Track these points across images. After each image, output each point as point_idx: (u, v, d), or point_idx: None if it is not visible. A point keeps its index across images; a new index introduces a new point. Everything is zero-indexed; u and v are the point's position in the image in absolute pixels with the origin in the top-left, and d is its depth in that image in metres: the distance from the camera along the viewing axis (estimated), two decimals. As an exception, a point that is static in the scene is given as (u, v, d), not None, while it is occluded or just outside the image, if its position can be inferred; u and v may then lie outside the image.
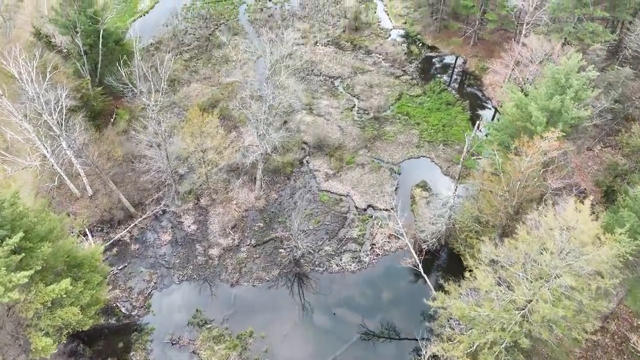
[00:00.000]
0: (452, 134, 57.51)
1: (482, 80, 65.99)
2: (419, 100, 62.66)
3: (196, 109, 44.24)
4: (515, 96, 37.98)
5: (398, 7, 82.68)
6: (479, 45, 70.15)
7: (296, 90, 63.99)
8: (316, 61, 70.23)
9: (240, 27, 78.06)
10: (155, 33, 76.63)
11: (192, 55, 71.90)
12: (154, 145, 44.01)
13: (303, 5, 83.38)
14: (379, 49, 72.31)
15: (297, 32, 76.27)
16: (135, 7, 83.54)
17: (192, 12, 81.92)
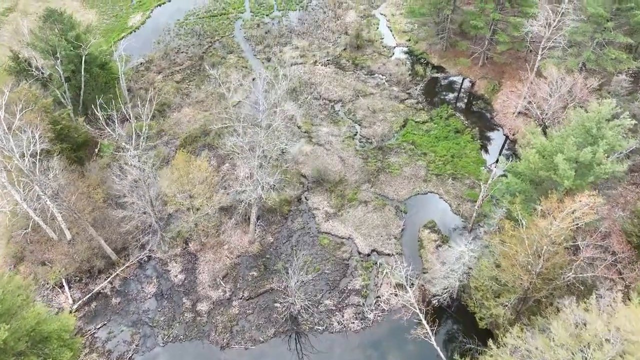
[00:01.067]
0: (461, 166, 53.49)
1: (492, 104, 61.92)
2: (425, 127, 58.64)
3: (182, 153, 40.15)
4: (538, 142, 33.96)
5: (401, 22, 78.59)
6: (488, 66, 66.11)
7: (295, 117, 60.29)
8: (316, 83, 66.16)
9: (236, 45, 73.98)
10: (146, 51, 72.58)
11: (184, 76, 67.85)
12: (136, 190, 39.96)
13: (302, 21, 79.34)
14: (382, 69, 68.26)
15: (296, 50, 72.37)
16: (126, 23, 79.48)
17: (185, 28, 77.90)
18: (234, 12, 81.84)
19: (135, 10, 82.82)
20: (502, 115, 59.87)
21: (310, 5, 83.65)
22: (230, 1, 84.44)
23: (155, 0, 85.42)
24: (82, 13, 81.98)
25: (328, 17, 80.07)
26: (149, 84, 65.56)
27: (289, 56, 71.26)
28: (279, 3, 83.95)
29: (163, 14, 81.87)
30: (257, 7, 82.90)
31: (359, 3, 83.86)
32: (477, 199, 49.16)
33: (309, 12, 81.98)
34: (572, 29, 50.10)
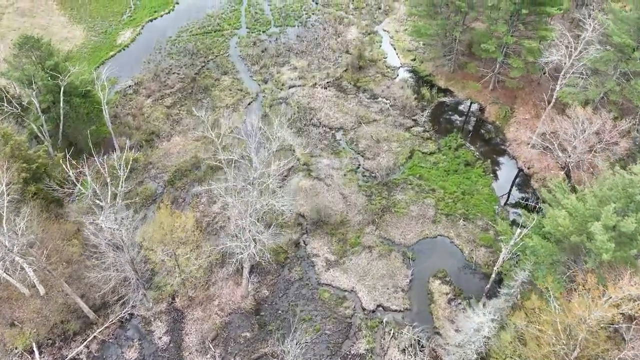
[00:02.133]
0: (473, 204, 49.32)
1: (504, 132, 57.73)
2: (433, 159, 54.45)
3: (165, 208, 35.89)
4: (568, 203, 29.76)
5: (406, 40, 74.43)
6: (499, 90, 61.93)
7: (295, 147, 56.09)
8: (315, 108, 61.96)
9: (231, 65, 69.75)
10: (135, 72, 68.36)
11: (175, 100, 63.61)
12: (114, 249, 35.72)
13: (301, 38, 75.15)
14: (386, 92, 64.06)
15: (294, 71, 68.19)
16: (115, 41, 75.24)
17: (177, 46, 73.68)
18: (229, 28, 77.69)
19: (125, 26, 78.62)
20: (515, 145, 55.65)
21: (309, 21, 79.52)
22: (226, 17, 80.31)
23: (147, 15, 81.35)
24: (69, 29, 77.86)
25: (328, 34, 75.90)
26: (137, 110, 61.38)
27: (287, 77, 67.10)
28: (276, 19, 79.82)
29: (154, 30, 77.70)
30: (254, 23, 78.76)
31: (361, 19, 79.76)
32: (491, 242, 45.16)
33: (308, 28, 77.84)
34: (594, 57, 45.93)
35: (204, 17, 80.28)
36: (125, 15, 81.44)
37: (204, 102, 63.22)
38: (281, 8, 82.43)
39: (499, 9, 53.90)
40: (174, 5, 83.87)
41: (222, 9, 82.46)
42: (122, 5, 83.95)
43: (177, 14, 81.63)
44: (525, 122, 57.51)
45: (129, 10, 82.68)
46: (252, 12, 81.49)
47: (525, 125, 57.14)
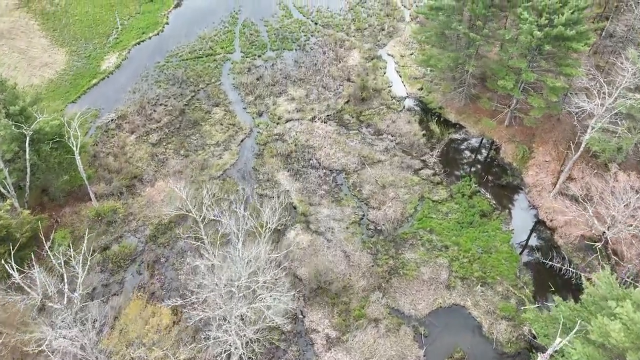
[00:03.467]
0: (491, 265, 44.01)
1: (522, 177, 52.38)
2: (445, 208, 49.12)
3: (136, 302, 30.54)
4: (624, 313, 24.39)
5: (412, 66, 69.10)
6: (516, 127, 56.60)
7: (292, 195, 50.71)
8: (314, 146, 56.61)
9: (223, 95, 64.38)
10: (119, 103, 63.04)
11: (162, 136, 58.23)
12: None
13: (299, 64, 69.79)
14: (392, 128, 58.71)
15: (291, 103, 62.85)
16: (99, 66, 69.86)
17: (166, 72, 68.30)
18: (222, 52, 72.34)
19: (111, 50, 73.28)
20: (535, 192, 50.31)
21: (308, 43, 74.16)
22: (218, 39, 74.97)
23: (135, 37, 76.02)
24: (50, 53, 72.48)
25: (328, 59, 70.53)
26: (119, 149, 56.01)
27: (284, 110, 61.79)
28: (272, 41, 74.48)
29: (142, 54, 72.38)
30: (248, 46, 73.42)
31: (363, 41, 74.47)
32: (514, 314, 39.86)
33: (307, 52, 72.49)
34: (629, 105, 40.65)
35: (195, 39, 74.97)
36: (112, 37, 76.10)
37: (193, 138, 57.86)
38: (278, 29, 77.12)
39: (516, 41, 48.62)
40: (164, 26, 78.56)
41: (214, 29, 77.14)
42: (109, 25, 78.65)
43: (166, 36, 76.33)
44: (545, 165, 52.18)
45: (115, 32, 77.36)
46: (246, 33, 76.20)
47: (546, 169, 51.83)
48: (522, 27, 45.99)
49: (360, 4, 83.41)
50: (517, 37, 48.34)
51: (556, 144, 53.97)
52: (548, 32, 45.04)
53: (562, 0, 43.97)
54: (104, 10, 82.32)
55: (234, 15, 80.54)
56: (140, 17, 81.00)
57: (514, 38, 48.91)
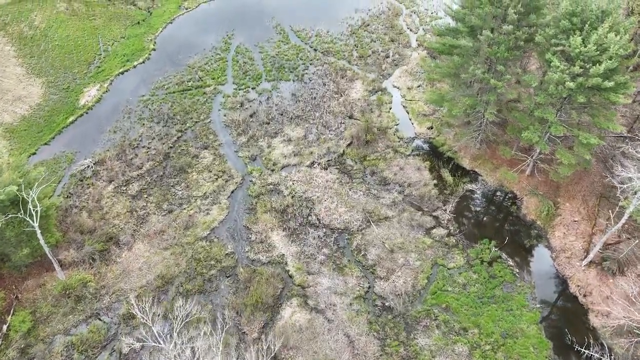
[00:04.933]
0: (518, 352, 38.07)
1: (548, 238, 46.41)
2: (462, 278, 43.16)
3: None
4: None
5: (420, 99, 63.09)
6: (538, 177, 50.57)
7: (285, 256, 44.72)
8: (313, 199, 50.60)
9: (212, 136, 58.33)
10: (98, 145, 57.05)
11: (143, 186, 52.21)
12: None
13: (296, 98, 63.75)
14: (399, 176, 52.71)
15: (288, 145, 56.84)
16: (77, 100, 63.79)
17: (150, 108, 62.25)
18: (213, 83, 66.28)
19: (92, 80, 67.21)
20: (564, 259, 44.32)
21: (306, 73, 68.13)
22: (209, 68, 68.93)
23: (118, 65, 69.97)
24: (26, 84, 66.44)
25: (329, 92, 64.51)
26: (94, 202, 49.98)
27: (280, 154, 55.79)
28: (268, 71, 68.45)
29: (125, 86, 66.31)
30: (242, 77, 67.39)
31: (366, 70, 68.44)
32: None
33: (305, 83, 66.46)
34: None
35: (184, 69, 68.93)
36: (93, 66, 70.02)
37: (178, 189, 51.85)
38: (274, 57, 71.08)
39: (543, 88, 42.64)
40: (150, 53, 72.45)
41: (205, 57, 71.09)
42: (91, 52, 72.55)
43: (152, 64, 70.23)
44: (574, 225, 46.22)
45: (98, 59, 71.26)
46: (240, 61, 70.16)
47: (575, 230, 45.88)
48: (551, 75, 40.00)
49: (363, 27, 77.37)
50: (544, 83, 42.43)
51: (585, 199, 48.04)
52: (582, 83, 39.09)
53: (600, 47, 37.95)
54: (86, 34, 76.25)
55: (227, 40, 74.51)
56: (126, 42, 74.93)
57: (541, 85, 42.93)
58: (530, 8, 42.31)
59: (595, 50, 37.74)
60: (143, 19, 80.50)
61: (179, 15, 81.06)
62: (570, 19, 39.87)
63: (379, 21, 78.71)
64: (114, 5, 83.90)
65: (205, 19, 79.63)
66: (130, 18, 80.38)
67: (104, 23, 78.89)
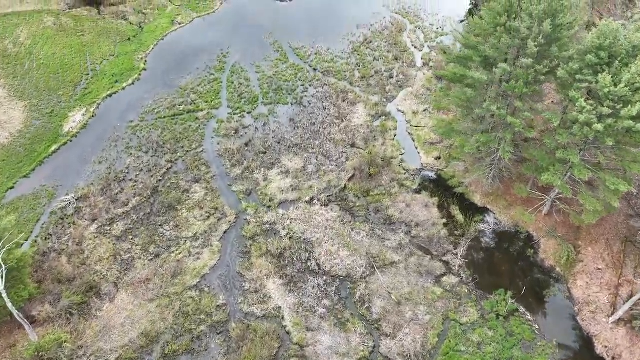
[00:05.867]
0: None
1: (569, 287, 42.53)
2: (476, 336, 39.27)
3: None
4: None
5: (426, 125, 59.14)
6: (556, 217, 46.64)
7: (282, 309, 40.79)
8: (313, 241, 46.67)
9: (205, 167, 54.36)
10: (81, 178, 53.16)
11: (128, 225, 48.27)
12: None
13: (295, 124, 59.82)
14: (406, 214, 48.80)
15: (286, 177, 52.92)
16: (61, 127, 59.83)
17: (139, 135, 58.30)
18: (206, 107, 62.33)
19: (77, 104, 63.24)
20: (588, 314, 40.40)
21: (305, 96, 64.17)
22: (202, 90, 64.95)
23: (106, 86, 66.01)
24: (7, 109, 62.60)
25: (329, 117, 60.58)
26: (75, 245, 46.05)
27: (277, 188, 51.85)
28: (264, 93, 64.50)
29: (113, 110, 62.33)
30: (237, 100, 63.43)
31: (369, 92, 64.54)
32: None
33: (305, 107, 62.51)
34: None
35: (176, 91, 64.94)
36: (80, 87, 66.05)
37: (166, 229, 47.92)
38: (271, 77, 67.12)
39: (568, 129, 38.72)
40: (140, 73, 68.47)
41: (198, 77, 67.12)
42: (78, 72, 68.57)
43: (142, 86, 66.24)
44: (598, 274, 42.32)
45: (85, 79, 67.28)
46: (235, 82, 66.19)
47: (599, 279, 41.97)
48: (576, 115, 36.09)
49: (365, 44, 73.43)
50: (567, 121, 38.56)
51: (609, 244, 44.15)
52: (611, 125, 35.20)
53: (633, 87, 34.03)
54: (74, 51, 72.27)
55: (222, 59, 70.55)
56: (115, 60, 70.95)
57: (563, 123, 39.03)
58: (552, 40, 38.37)
59: (627, 91, 33.82)
60: (134, 35, 76.50)
61: (171, 31, 77.03)
62: (597, 53, 35.96)
63: (382, 37, 74.79)
64: (104, 20, 79.95)
65: (199, 35, 75.67)
66: (121, 34, 76.40)
67: (93, 39, 74.90)
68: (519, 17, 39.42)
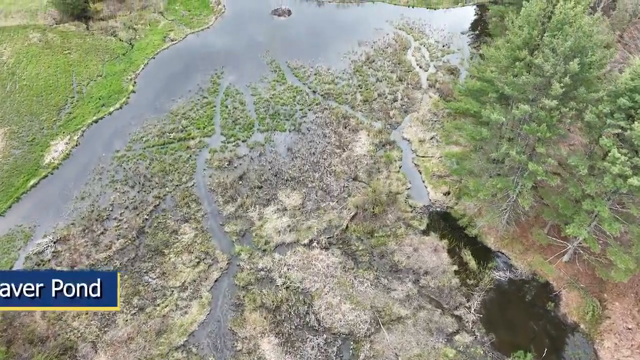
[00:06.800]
0: None
1: (595, 349, 38.48)
2: (494, 408, 35.23)
3: None
4: None
5: (434, 155, 55.18)
6: (579, 266, 42.62)
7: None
8: (312, 291, 42.63)
9: (195, 203, 50.28)
10: (61, 217, 49.07)
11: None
12: None
13: (293, 154, 55.79)
14: (414, 260, 44.78)
15: (283, 216, 48.87)
16: (42, 156, 55.76)
17: (125, 167, 54.23)
18: (198, 135, 58.26)
19: (60, 131, 59.16)
20: (618, 381, 36.41)
21: (304, 122, 60.15)
22: (194, 116, 60.91)
23: (92, 111, 62.01)
24: (-15, 136, 58.37)
25: (330, 146, 56.57)
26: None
27: (273, 228, 47.81)
28: (260, 119, 60.46)
29: (98, 138, 58.26)
30: (231, 126, 59.40)
31: (372, 117, 60.57)
32: None
33: (304, 134, 58.49)
34: None
35: (166, 116, 60.90)
36: (64, 112, 61.99)
37: (152, 277, 43.86)
38: (268, 100, 63.09)
39: (597, 177, 34.72)
40: (129, 96, 64.43)
41: (190, 101, 63.06)
42: (62, 94, 64.52)
43: (130, 110, 62.19)
44: (628, 335, 38.30)
45: (70, 102, 63.22)
46: (229, 107, 62.15)
47: (630, 341, 37.94)
48: (608, 166, 32.09)
49: (367, 63, 69.45)
50: (595, 168, 34.58)
51: (639, 299, 40.08)
52: (648, 178, 31.17)
53: (674, 139, 30.08)
54: (59, 71, 68.27)
55: (215, 80, 66.52)
56: (103, 81, 66.93)
57: (591, 170, 35.03)
58: (580, 79, 34.34)
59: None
60: (123, 52, 72.52)
61: (163, 48, 73.04)
62: (631, 96, 31.99)
63: (385, 56, 70.84)
64: (93, 36, 76.01)
65: (192, 53, 71.70)
66: (110, 52, 72.42)
67: (80, 58, 70.92)
68: (540, 51, 35.42)
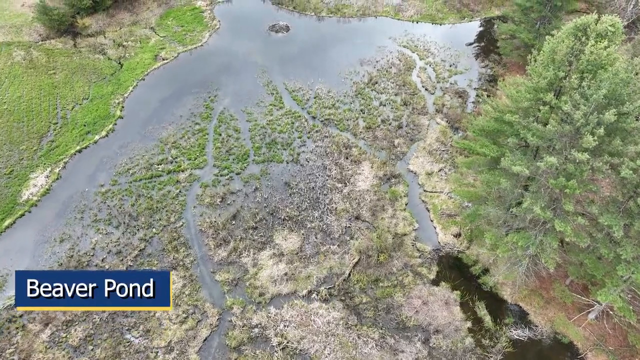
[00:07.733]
0: None
1: None
2: None
3: None
4: None
5: (442, 190, 51.15)
6: (607, 326, 38.51)
7: None
8: (311, 354, 38.52)
9: (184, 247, 46.17)
10: (37, 262, 44.93)
11: (89, 330, 40.12)
12: None
13: (290, 188, 51.71)
14: (423, 315, 40.71)
15: (279, 262, 44.77)
16: (19, 194, 51.63)
17: (109, 204, 50.13)
18: (189, 166, 54.18)
19: (41, 162, 55.08)
20: None
21: (303, 151, 56.07)
22: (185, 144, 56.87)
23: (76, 139, 57.99)
24: (-40, 168, 54.26)
25: (331, 179, 52.50)
26: (21, 358, 37.84)
27: (268, 277, 43.74)
28: (256, 148, 56.37)
29: (81, 171, 54.16)
30: (224, 157, 55.31)
31: (376, 147, 56.53)
32: None
33: (302, 165, 54.42)
34: None
35: (155, 144, 56.82)
36: (46, 140, 57.92)
37: (134, 335, 39.74)
38: (264, 127, 59.02)
39: (633, 241, 30.65)
40: (116, 122, 60.35)
41: (181, 127, 59.00)
42: (45, 119, 60.49)
43: (117, 138, 58.08)
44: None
45: (52, 129, 59.14)
46: (223, 134, 58.08)
47: (667, 418, 33.78)
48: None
49: (370, 85, 65.39)
50: (631, 229, 30.51)
51: (674, 366, 35.98)
52: (696, 248, 27.09)
53: None
54: (43, 93, 64.27)
55: (209, 104, 62.45)
56: (89, 105, 62.87)
57: (627, 232, 30.95)
58: (614, 130, 30.26)
59: None
60: (112, 72, 68.52)
61: (154, 68, 69.00)
62: (675, 152, 27.91)
63: (389, 76, 66.82)
64: (80, 54, 72.00)
65: (184, 74, 67.66)
66: (97, 72, 68.42)
67: (65, 78, 66.93)
68: (567, 94, 31.35)
